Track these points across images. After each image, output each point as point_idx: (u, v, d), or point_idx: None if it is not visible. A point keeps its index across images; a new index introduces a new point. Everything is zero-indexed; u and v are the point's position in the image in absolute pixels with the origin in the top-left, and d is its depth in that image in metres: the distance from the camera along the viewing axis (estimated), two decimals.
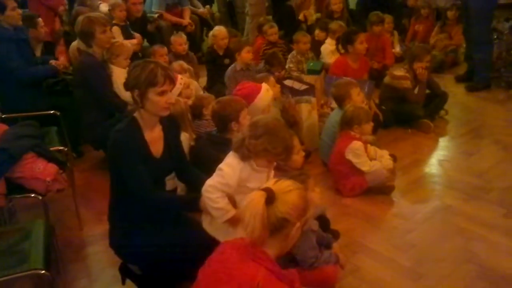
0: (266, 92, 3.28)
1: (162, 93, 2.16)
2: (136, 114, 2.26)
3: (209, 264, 1.75)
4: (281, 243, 1.68)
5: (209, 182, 2.19)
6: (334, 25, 5.53)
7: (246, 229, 1.61)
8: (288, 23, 5.79)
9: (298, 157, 3.01)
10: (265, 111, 3.25)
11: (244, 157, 2.22)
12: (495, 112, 4.63)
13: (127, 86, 2.21)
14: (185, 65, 4.28)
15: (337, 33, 5.39)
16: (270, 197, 1.61)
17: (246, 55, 4.43)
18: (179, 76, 3.70)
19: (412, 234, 2.88)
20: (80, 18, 3.63)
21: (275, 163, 2.37)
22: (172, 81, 2.22)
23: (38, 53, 4.46)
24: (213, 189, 2.17)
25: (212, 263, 1.74)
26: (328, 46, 5.37)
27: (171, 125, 2.39)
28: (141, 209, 2.27)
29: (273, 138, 2.19)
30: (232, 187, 2.20)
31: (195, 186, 2.70)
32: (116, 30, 4.95)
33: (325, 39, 5.50)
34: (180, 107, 3.23)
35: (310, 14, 6.20)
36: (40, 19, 4.44)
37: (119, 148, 2.19)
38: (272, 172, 2.39)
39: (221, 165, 2.23)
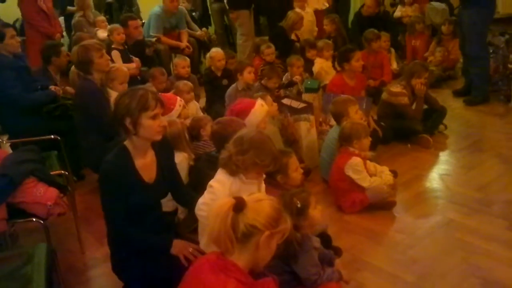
0: (260, 107, 3.31)
1: (154, 117, 2.17)
2: (126, 142, 2.25)
3: (185, 278, 1.77)
4: (251, 253, 1.66)
5: (201, 200, 2.21)
6: (320, 43, 5.60)
7: (210, 235, 1.63)
8: (281, 43, 5.87)
9: (297, 174, 3.02)
10: (260, 126, 3.28)
11: (232, 172, 2.26)
12: (495, 125, 4.64)
13: (116, 116, 2.18)
14: (190, 84, 4.33)
15: (324, 51, 5.47)
16: (239, 205, 1.62)
17: (248, 75, 4.48)
18: (178, 98, 3.73)
19: (415, 249, 2.87)
20: (75, 48, 3.69)
21: (264, 175, 2.41)
22: (163, 104, 2.23)
23: (58, 80, 4.51)
24: (205, 206, 2.18)
25: (187, 277, 1.76)
26: (317, 65, 5.43)
27: (163, 148, 2.39)
28: None
29: (260, 151, 2.23)
30: None
31: (191, 207, 2.75)
32: (115, 54, 5.02)
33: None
34: (177, 127, 3.25)
35: (301, 33, 6.27)
36: (63, 48, 4.50)
37: (104, 179, 2.21)
38: (263, 184, 2.41)
39: (211, 182, 2.26)
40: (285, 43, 5.97)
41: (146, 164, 2.29)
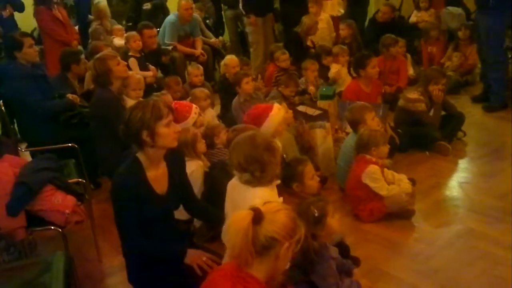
0: (278, 111, 3.31)
1: (168, 124, 2.18)
2: (138, 154, 2.25)
3: None
4: (270, 265, 1.65)
5: None
6: (335, 48, 5.58)
7: (229, 248, 1.61)
8: (296, 49, 5.86)
9: (313, 182, 3.00)
10: (278, 130, 3.27)
11: (254, 182, 2.23)
12: None
13: (130, 131, 2.17)
14: (207, 91, 4.33)
15: (340, 56, 5.44)
16: (258, 216, 1.60)
17: (245, 86, 4.43)
18: (194, 106, 3.74)
19: (435, 259, 2.82)
20: (91, 63, 3.71)
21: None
22: (173, 111, 2.26)
23: (77, 87, 4.56)
24: None
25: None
26: (333, 70, 5.40)
27: (175, 160, 2.39)
28: None
29: (252, 146, 2.22)
30: None
31: (205, 218, 2.73)
32: (133, 61, 5.06)
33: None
34: (185, 136, 3.23)
35: (316, 39, 6.25)
36: (83, 56, 4.55)
37: (116, 191, 2.23)
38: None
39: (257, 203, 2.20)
40: (300, 49, 5.95)
41: (158, 176, 2.28)
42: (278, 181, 2.34)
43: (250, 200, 2.20)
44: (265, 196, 2.19)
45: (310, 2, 6.52)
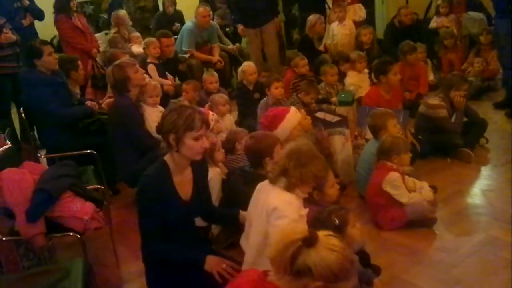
0: (294, 113, 3.34)
1: (198, 138, 2.19)
2: (167, 158, 2.27)
3: None
4: None
5: (281, 227, 2.11)
6: (353, 54, 5.53)
7: (270, 255, 1.57)
8: (307, 53, 5.83)
9: (333, 190, 2.94)
10: (294, 133, 3.27)
11: (289, 187, 2.22)
12: None
13: (162, 129, 2.22)
14: (225, 97, 4.34)
15: (357, 63, 5.40)
16: (311, 240, 1.52)
17: (275, 91, 4.44)
18: (210, 112, 3.73)
19: (458, 268, 2.75)
20: (109, 70, 3.74)
21: None
22: (208, 126, 2.27)
23: (78, 94, 4.59)
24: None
25: None
26: (349, 78, 5.37)
27: (200, 167, 2.41)
28: None
29: (317, 163, 2.24)
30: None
31: (222, 224, 2.76)
32: (151, 68, 5.09)
33: None
34: None
35: (329, 45, 6.22)
36: (79, 62, 4.59)
37: (142, 192, 2.25)
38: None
39: (275, 205, 2.19)
40: (311, 52, 5.91)
41: (183, 181, 2.31)
42: (306, 195, 2.34)
43: (273, 198, 2.22)
44: (291, 201, 2.20)
45: (334, 7, 6.53)
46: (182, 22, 7.14)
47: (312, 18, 6.20)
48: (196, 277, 2.26)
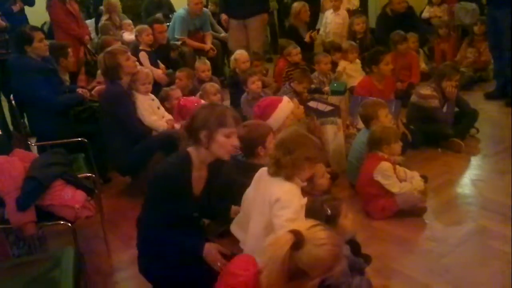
0: (287, 103, 3.34)
1: (229, 135, 2.20)
2: (191, 150, 2.27)
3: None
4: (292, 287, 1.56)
5: (281, 221, 2.12)
6: (345, 44, 5.53)
7: (264, 269, 1.55)
8: (295, 42, 5.79)
9: (323, 180, 2.96)
10: (286, 123, 3.27)
11: (288, 177, 2.22)
12: None
13: (192, 126, 2.21)
14: (217, 86, 4.31)
15: (349, 53, 5.39)
16: (298, 243, 1.51)
17: (252, 86, 4.40)
18: (202, 101, 3.71)
19: (448, 258, 2.77)
20: (101, 56, 3.71)
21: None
22: (239, 124, 2.28)
23: (67, 81, 4.55)
24: (290, 223, 2.10)
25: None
26: (340, 67, 5.37)
27: (216, 167, 2.41)
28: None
29: (306, 145, 2.22)
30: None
31: (211, 217, 2.83)
32: (143, 55, 5.04)
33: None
34: None
35: (315, 34, 6.18)
36: (70, 49, 4.54)
37: (160, 178, 2.24)
38: None
39: (277, 196, 2.18)
40: (297, 41, 5.86)
41: (200, 177, 2.33)
42: (304, 183, 2.34)
43: (275, 189, 2.22)
44: (292, 191, 2.21)
45: None
46: (172, 10, 7.08)
47: (296, 5, 6.15)
48: (191, 265, 2.28)
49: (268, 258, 1.52)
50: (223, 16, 5.97)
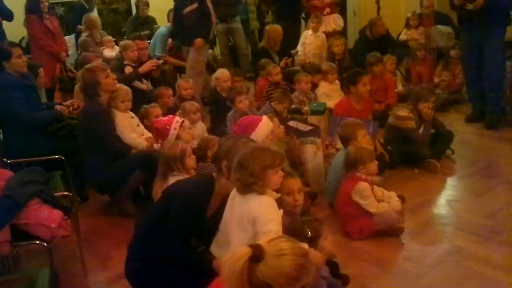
0: (267, 122, 3.32)
1: None
2: (216, 177, 2.35)
3: None
4: None
5: (276, 233, 2.09)
6: (325, 66, 5.60)
7: (224, 285, 1.53)
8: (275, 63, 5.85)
9: (290, 200, 2.77)
10: (266, 142, 3.24)
11: (259, 191, 2.21)
12: (503, 151, 4.56)
13: (217, 156, 2.32)
14: (197, 105, 4.32)
15: (329, 74, 5.46)
16: (257, 256, 1.47)
17: (239, 105, 4.45)
18: (174, 120, 3.68)
19: (424, 278, 2.81)
20: (80, 73, 3.71)
21: None
22: None
23: (43, 99, 4.51)
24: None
25: None
26: (321, 89, 5.43)
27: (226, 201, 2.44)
28: None
29: (258, 156, 2.18)
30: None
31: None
32: (129, 70, 5.00)
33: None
34: (173, 150, 3.18)
35: (290, 61, 6.20)
36: (41, 69, 4.50)
37: (185, 199, 2.32)
38: None
39: (260, 213, 2.18)
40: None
41: (214, 205, 2.41)
42: (279, 195, 2.35)
43: (251, 207, 2.21)
44: (269, 204, 2.21)
45: (313, 17, 6.60)
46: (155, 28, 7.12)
47: (268, 28, 6.20)
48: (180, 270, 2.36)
49: (225, 274, 1.48)
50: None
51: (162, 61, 5.90)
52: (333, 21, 6.89)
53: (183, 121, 3.73)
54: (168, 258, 2.37)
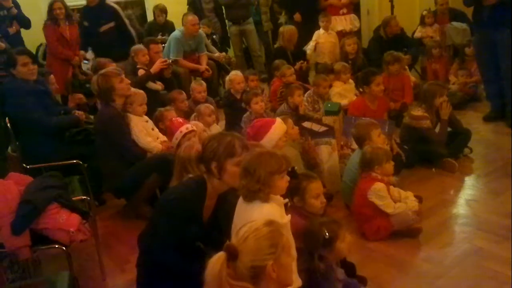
0: (280, 124, 3.33)
1: (239, 164, 2.20)
2: (207, 178, 2.30)
3: None
4: (271, 282, 1.60)
5: None
6: (337, 66, 5.57)
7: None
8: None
9: (315, 201, 2.78)
10: (279, 144, 3.26)
11: (264, 199, 2.19)
12: None
13: (203, 158, 2.25)
14: (211, 107, 4.33)
15: (342, 74, 5.43)
16: (232, 254, 1.55)
17: (255, 106, 4.45)
18: (185, 126, 3.68)
19: (443, 279, 2.77)
20: (94, 79, 3.74)
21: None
22: (247, 151, 2.27)
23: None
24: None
25: None
26: (335, 88, 5.39)
27: (222, 198, 2.42)
28: None
29: (264, 162, 2.16)
30: None
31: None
32: (141, 73, 5.05)
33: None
34: (188, 152, 3.17)
35: (305, 65, 6.16)
36: (52, 76, 4.54)
37: (176, 203, 2.26)
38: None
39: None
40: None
41: (210, 205, 2.36)
42: (286, 200, 2.32)
43: (255, 216, 2.13)
44: (271, 212, 2.17)
45: (321, 16, 6.59)
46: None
47: (282, 29, 6.20)
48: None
49: (209, 282, 1.54)
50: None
51: (172, 60, 5.94)
52: (350, 22, 6.87)
53: (188, 132, 3.67)
54: (169, 268, 2.33)
